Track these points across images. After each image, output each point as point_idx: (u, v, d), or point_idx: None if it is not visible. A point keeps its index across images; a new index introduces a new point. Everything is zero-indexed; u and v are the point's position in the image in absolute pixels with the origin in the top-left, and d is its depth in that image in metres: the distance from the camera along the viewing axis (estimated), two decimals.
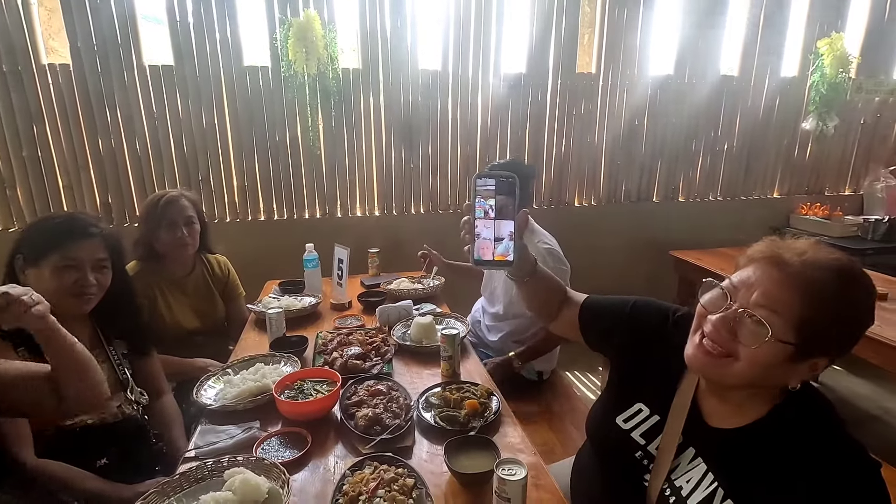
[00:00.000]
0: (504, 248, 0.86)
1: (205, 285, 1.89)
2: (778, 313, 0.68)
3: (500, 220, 0.85)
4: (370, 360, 1.44)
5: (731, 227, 3.44)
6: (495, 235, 0.85)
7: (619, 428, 0.90)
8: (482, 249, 0.85)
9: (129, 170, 2.67)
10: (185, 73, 2.59)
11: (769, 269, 0.71)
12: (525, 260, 0.94)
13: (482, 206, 0.85)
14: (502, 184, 0.86)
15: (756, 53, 3.24)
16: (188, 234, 1.76)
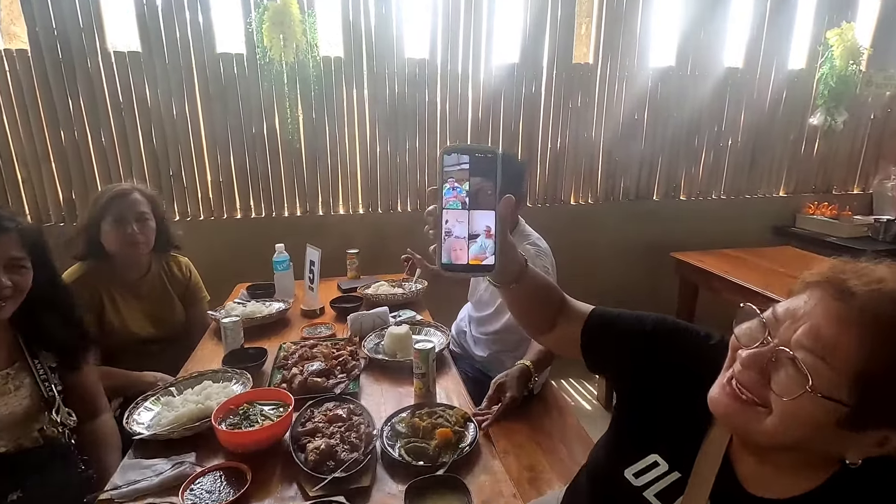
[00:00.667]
0: (480, 248, 0.66)
1: (162, 288, 1.72)
2: (826, 360, 0.50)
3: (476, 211, 0.66)
4: (334, 378, 1.27)
5: (735, 227, 3.28)
6: (470, 231, 0.66)
7: (629, 484, 0.71)
8: (453, 250, 0.66)
9: (95, 163, 2.50)
10: (154, 61, 2.41)
11: (825, 299, 0.53)
12: (511, 260, 0.73)
13: (453, 192, 0.66)
14: (479, 161, 0.66)
15: (762, 44, 3.07)
16: (139, 232, 1.59)
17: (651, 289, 3.14)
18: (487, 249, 0.66)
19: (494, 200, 0.67)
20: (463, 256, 0.66)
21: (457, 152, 0.66)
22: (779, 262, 2.48)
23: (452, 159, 0.66)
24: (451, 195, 0.66)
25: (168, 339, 1.70)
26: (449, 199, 0.66)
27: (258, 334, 1.63)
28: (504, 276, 0.75)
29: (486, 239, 0.66)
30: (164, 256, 1.77)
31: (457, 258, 0.66)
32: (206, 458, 1.02)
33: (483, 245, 0.66)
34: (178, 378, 1.28)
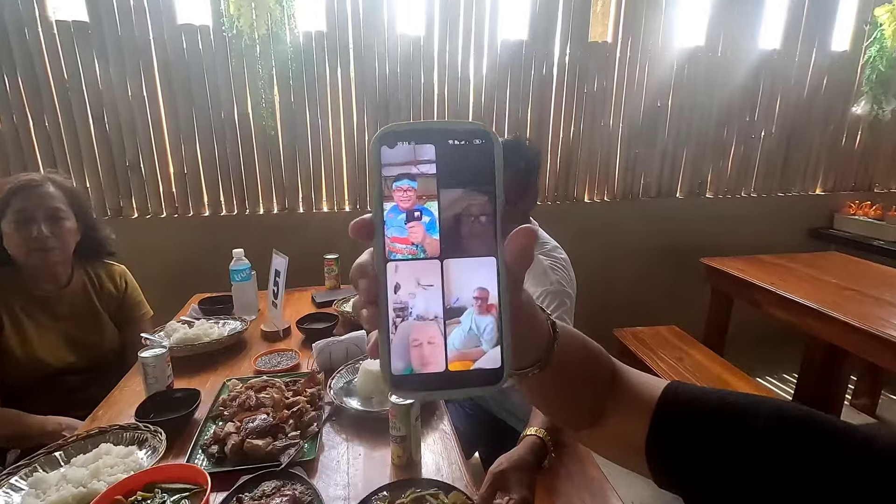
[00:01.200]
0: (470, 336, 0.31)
1: (86, 305, 1.39)
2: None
3: (457, 261, 0.31)
4: (283, 437, 0.94)
5: (766, 229, 2.93)
6: (447, 303, 0.31)
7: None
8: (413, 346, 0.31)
9: (38, 152, 2.16)
10: (104, 32, 2.07)
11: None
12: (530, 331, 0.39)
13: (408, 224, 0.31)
14: (457, 155, 0.31)
15: (802, 23, 2.72)
16: (50, 234, 1.26)
17: (674, 299, 2.81)
18: (484, 335, 0.31)
19: (493, 236, 0.31)
20: (434, 358, 0.31)
21: (409, 139, 0.31)
22: (828, 271, 2.14)
23: (401, 155, 0.31)
24: (404, 230, 0.31)
25: (94, 369, 1.36)
26: (399, 241, 0.31)
27: (204, 365, 1.30)
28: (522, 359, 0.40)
29: (482, 316, 0.31)
30: (91, 265, 1.43)
31: (421, 363, 0.31)
32: None
33: (476, 328, 0.31)
34: (70, 438, 0.94)
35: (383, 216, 0.31)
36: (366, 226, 0.32)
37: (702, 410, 0.46)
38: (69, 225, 1.31)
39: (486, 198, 0.31)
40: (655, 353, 2.07)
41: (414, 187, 0.31)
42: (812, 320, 1.81)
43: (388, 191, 0.31)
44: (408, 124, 0.31)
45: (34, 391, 1.26)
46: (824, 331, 1.80)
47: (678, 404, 0.47)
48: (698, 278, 2.55)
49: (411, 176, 0.31)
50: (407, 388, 0.31)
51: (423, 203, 0.31)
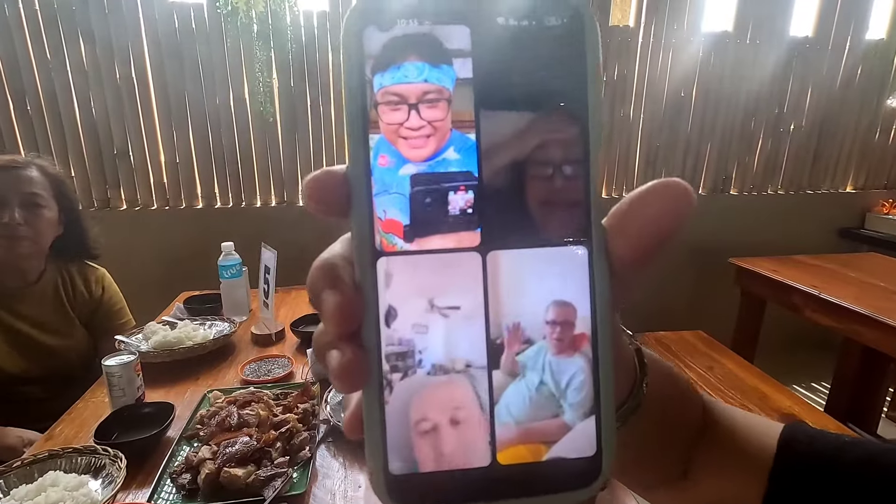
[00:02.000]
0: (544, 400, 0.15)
1: (54, 306, 1.23)
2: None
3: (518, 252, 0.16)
4: (267, 466, 0.78)
5: (793, 228, 2.76)
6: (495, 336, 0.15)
7: None
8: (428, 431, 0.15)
9: (19, 137, 2.02)
10: (90, 9, 1.93)
11: None
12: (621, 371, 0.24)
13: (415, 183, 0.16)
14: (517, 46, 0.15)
15: (836, 9, 2.55)
16: (23, 222, 1.11)
17: (700, 302, 2.65)
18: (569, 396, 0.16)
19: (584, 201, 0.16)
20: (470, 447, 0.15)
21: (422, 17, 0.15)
22: (872, 273, 1.97)
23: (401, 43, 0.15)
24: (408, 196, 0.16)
25: (55, 379, 1.21)
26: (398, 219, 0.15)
27: (185, 372, 1.14)
28: None
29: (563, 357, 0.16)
30: (67, 264, 1.27)
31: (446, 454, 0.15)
32: None
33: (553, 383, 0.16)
34: (14, 463, 0.78)
35: (370, 171, 0.16)
36: (335, 187, 0.16)
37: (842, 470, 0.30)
38: (48, 215, 1.16)
39: (569, 130, 0.16)
40: (683, 362, 1.91)
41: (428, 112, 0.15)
42: (859, 326, 1.65)
43: (379, 118, 0.15)
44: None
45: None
46: (873, 337, 1.63)
47: (804, 461, 0.31)
48: (723, 280, 2.38)
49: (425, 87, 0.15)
50: (417, 499, 0.15)
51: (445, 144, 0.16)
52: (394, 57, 0.15)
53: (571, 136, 0.16)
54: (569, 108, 0.16)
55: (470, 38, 0.15)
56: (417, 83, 0.15)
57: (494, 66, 0.15)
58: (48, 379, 1.19)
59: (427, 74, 0.15)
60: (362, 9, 0.15)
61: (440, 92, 0.15)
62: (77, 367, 1.25)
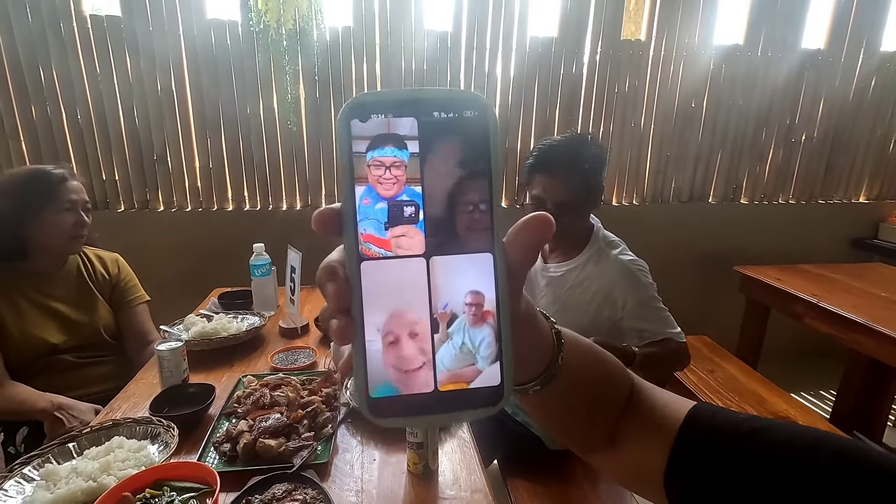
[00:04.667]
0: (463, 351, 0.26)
1: (80, 286, 1.42)
2: None
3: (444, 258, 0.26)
4: (296, 438, 0.90)
5: (805, 237, 2.80)
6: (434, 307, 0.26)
7: None
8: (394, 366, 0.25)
9: (70, 143, 2.20)
10: (135, 27, 2.10)
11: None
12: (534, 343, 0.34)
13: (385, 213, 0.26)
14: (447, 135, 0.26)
15: (850, 21, 2.58)
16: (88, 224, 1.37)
17: (706, 308, 2.70)
18: (480, 351, 0.26)
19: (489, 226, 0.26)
20: (421, 379, 0.26)
21: (385, 111, 0.25)
22: (875, 283, 2.01)
23: (377, 129, 0.25)
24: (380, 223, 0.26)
25: (88, 346, 1.39)
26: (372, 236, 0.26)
27: (222, 359, 1.28)
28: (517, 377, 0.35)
29: (476, 326, 0.26)
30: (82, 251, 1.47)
31: (406, 384, 0.26)
32: None
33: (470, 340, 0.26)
34: (82, 430, 0.92)
35: (355, 206, 0.25)
36: (333, 217, 0.26)
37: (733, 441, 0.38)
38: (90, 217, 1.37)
39: (479, 181, 0.26)
40: None
41: (392, 170, 0.25)
42: (858, 335, 1.70)
43: (361, 175, 0.25)
44: (384, 92, 0.25)
45: (32, 368, 1.28)
46: (872, 347, 1.68)
47: (704, 432, 0.40)
48: (731, 287, 2.44)
49: (388, 156, 0.25)
50: (389, 413, 0.25)
51: (402, 189, 0.26)
52: (368, 135, 0.25)
53: (481, 186, 0.26)
54: (478, 167, 0.25)
55: (416, 124, 0.25)
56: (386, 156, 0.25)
57: (433, 143, 0.25)
58: (79, 348, 1.37)
59: (391, 150, 0.25)
60: (349, 107, 0.25)
61: (399, 161, 0.25)
62: (102, 336, 1.43)
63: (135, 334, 1.48)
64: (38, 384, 1.24)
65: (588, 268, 1.33)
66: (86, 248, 1.45)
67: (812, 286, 1.93)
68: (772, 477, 0.36)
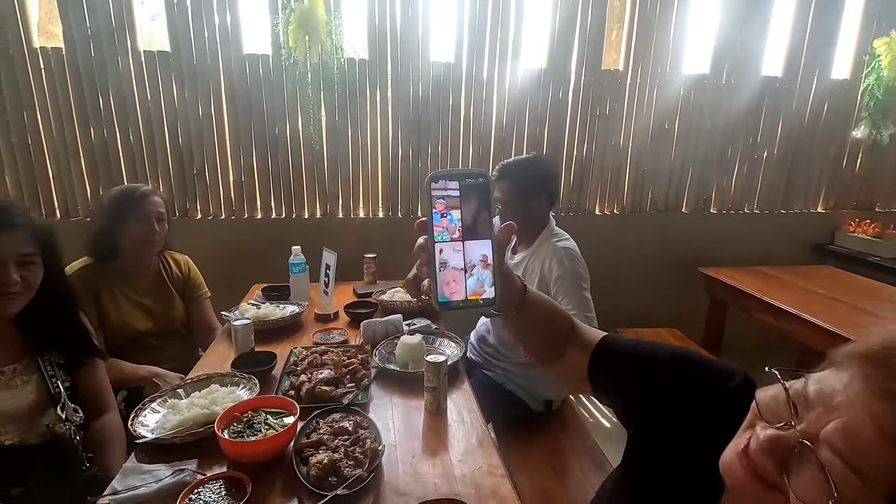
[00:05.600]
0: (478, 280, 0.60)
1: (161, 283, 1.74)
2: (859, 473, 0.39)
3: (471, 242, 0.60)
4: (342, 387, 1.23)
5: (768, 243, 3.13)
6: (466, 263, 0.60)
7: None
8: (448, 286, 0.59)
9: (122, 160, 2.54)
10: (182, 60, 2.44)
11: (868, 393, 0.41)
12: (510, 286, 0.66)
13: (443, 222, 0.59)
14: (471, 188, 0.59)
15: (803, 52, 2.94)
16: (158, 232, 1.63)
17: (678, 305, 3.03)
18: (486, 281, 0.60)
19: (490, 227, 0.60)
20: (460, 292, 0.59)
21: (444, 178, 0.59)
22: (817, 282, 2.34)
23: (440, 186, 0.59)
24: (442, 226, 0.59)
25: (166, 333, 1.71)
26: (440, 230, 0.59)
27: (270, 337, 1.60)
28: (504, 303, 0.66)
29: (484, 270, 0.60)
30: (162, 252, 1.78)
31: (453, 294, 0.59)
32: (208, 465, 0.99)
33: (481, 277, 0.60)
34: (186, 380, 1.25)
35: (432, 218, 0.59)
36: (423, 224, 0.60)
37: (623, 350, 0.73)
38: (165, 227, 1.68)
39: (485, 207, 0.60)
40: None
41: (446, 202, 0.59)
42: (794, 325, 2.02)
43: (434, 205, 0.59)
44: (441, 172, 0.60)
45: (123, 349, 1.58)
46: (808, 336, 2.00)
47: (608, 346, 0.74)
48: (699, 287, 2.78)
49: (445, 197, 0.59)
50: (446, 308, 0.59)
51: (451, 210, 0.59)
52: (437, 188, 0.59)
53: (485, 209, 0.60)
54: (484, 201, 0.60)
55: (458, 183, 0.59)
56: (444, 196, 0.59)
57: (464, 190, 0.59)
58: (161, 333, 1.69)
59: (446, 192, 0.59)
60: (430, 177, 0.59)
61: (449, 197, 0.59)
62: (178, 324, 1.76)
63: (202, 324, 1.79)
64: (128, 359, 1.55)
65: (536, 254, 1.66)
66: (166, 251, 1.77)
67: (760, 284, 2.27)
68: (633, 363, 0.70)
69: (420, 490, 0.93)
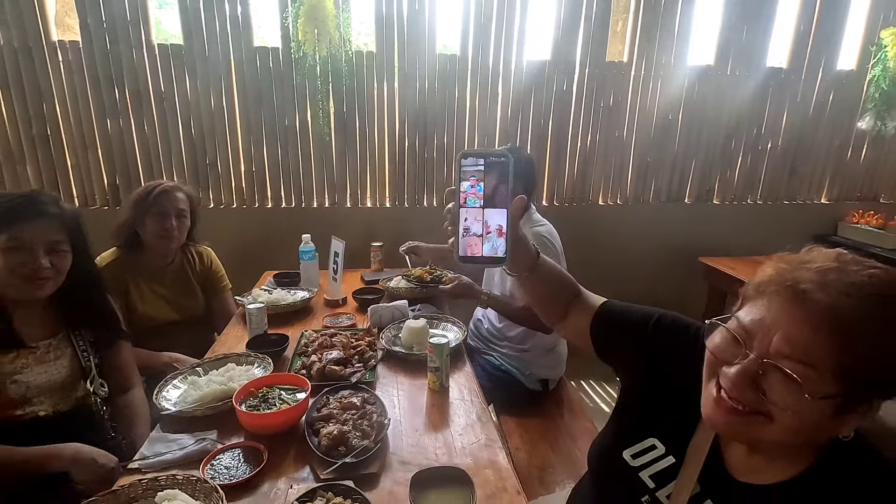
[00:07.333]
0: (493, 246, 0.72)
1: (184, 278, 1.81)
2: (810, 364, 0.53)
3: (490, 209, 0.72)
4: (351, 367, 1.31)
5: (771, 233, 3.16)
6: (485, 227, 0.72)
7: (626, 464, 0.76)
8: (469, 244, 0.73)
9: (137, 151, 2.62)
10: (194, 53, 2.51)
11: (785, 304, 0.55)
12: (524, 252, 0.80)
13: (469, 191, 0.72)
14: (493, 165, 0.71)
15: (809, 44, 2.94)
16: (176, 228, 1.69)
17: (679, 294, 3.07)
18: (499, 244, 0.73)
19: (507, 199, 0.72)
20: (478, 250, 0.73)
21: (473, 156, 0.72)
22: None
23: (470, 162, 0.72)
24: (469, 194, 0.72)
25: (188, 322, 1.79)
26: (466, 198, 0.72)
27: (282, 321, 1.68)
28: (518, 267, 0.81)
29: (499, 237, 0.72)
30: (186, 247, 1.85)
31: (472, 251, 0.73)
32: (226, 436, 1.07)
33: (496, 240, 0.72)
34: (204, 359, 1.34)
35: (460, 188, 0.72)
36: (452, 192, 0.72)
37: (621, 313, 0.85)
38: (187, 223, 1.75)
39: (504, 183, 0.72)
40: None
41: (473, 177, 0.72)
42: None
43: (463, 177, 0.72)
44: (471, 150, 0.72)
45: (147, 336, 1.66)
46: None
47: (609, 310, 0.86)
48: (700, 276, 2.82)
49: (472, 171, 0.72)
50: (464, 262, 0.72)
51: (477, 184, 0.72)
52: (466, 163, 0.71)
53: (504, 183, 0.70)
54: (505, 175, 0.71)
55: (483, 160, 0.72)
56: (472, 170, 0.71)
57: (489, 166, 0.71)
58: (184, 322, 1.78)
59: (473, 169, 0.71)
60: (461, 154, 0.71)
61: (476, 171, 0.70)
62: (200, 314, 1.84)
63: (223, 314, 1.87)
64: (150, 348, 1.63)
65: None
66: (189, 244, 1.84)
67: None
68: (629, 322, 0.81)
69: (422, 459, 1.01)
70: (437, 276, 1.80)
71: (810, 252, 0.60)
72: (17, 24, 2.36)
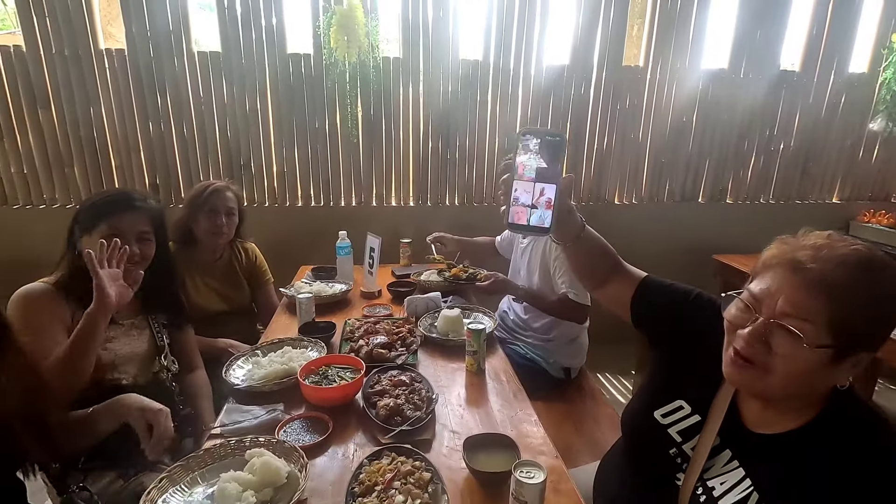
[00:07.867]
0: (540, 216, 0.81)
1: (232, 272, 1.94)
2: (808, 320, 0.66)
3: (541, 184, 0.80)
4: (395, 350, 1.43)
5: (783, 232, 3.14)
6: (533, 200, 0.80)
7: (656, 422, 0.88)
8: (517, 213, 0.81)
9: (177, 154, 2.77)
10: (232, 60, 2.65)
11: (786, 274, 0.69)
12: (572, 222, 0.89)
13: (523, 165, 0.81)
14: (548, 143, 0.80)
15: (821, 47, 3.02)
16: (226, 224, 1.82)
17: None
18: (546, 216, 0.82)
19: (558, 175, 0.81)
20: (524, 219, 0.83)
21: (531, 133, 0.82)
22: None
23: (526, 139, 0.81)
24: (524, 167, 0.81)
25: (235, 313, 1.92)
26: (521, 171, 0.81)
27: (323, 311, 1.81)
28: (563, 235, 0.92)
29: (546, 209, 0.82)
30: (234, 243, 1.98)
31: (520, 219, 0.83)
32: (289, 409, 1.20)
33: (543, 212, 0.82)
34: (261, 343, 1.47)
35: (516, 161, 0.81)
36: (508, 164, 0.83)
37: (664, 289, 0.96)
38: (235, 220, 1.88)
39: (556, 161, 0.81)
40: None
41: (530, 150, 0.81)
42: None
43: (520, 152, 0.82)
44: (530, 128, 0.83)
45: (202, 325, 1.78)
46: None
47: (652, 285, 0.98)
48: (714, 274, 2.91)
49: (528, 147, 0.82)
50: (514, 229, 0.83)
51: (529, 159, 0.82)
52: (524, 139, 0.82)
53: (558, 160, 0.82)
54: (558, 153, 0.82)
55: (540, 139, 0.83)
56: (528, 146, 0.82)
57: (544, 144, 0.83)
58: (231, 312, 1.91)
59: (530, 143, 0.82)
60: (521, 130, 0.83)
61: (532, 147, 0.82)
62: (247, 305, 1.98)
63: (266, 305, 2.01)
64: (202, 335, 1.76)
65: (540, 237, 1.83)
66: (236, 240, 1.97)
67: None
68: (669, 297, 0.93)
69: (468, 429, 1.13)
70: (472, 274, 1.91)
71: (807, 234, 0.74)
72: (67, 33, 2.51)
